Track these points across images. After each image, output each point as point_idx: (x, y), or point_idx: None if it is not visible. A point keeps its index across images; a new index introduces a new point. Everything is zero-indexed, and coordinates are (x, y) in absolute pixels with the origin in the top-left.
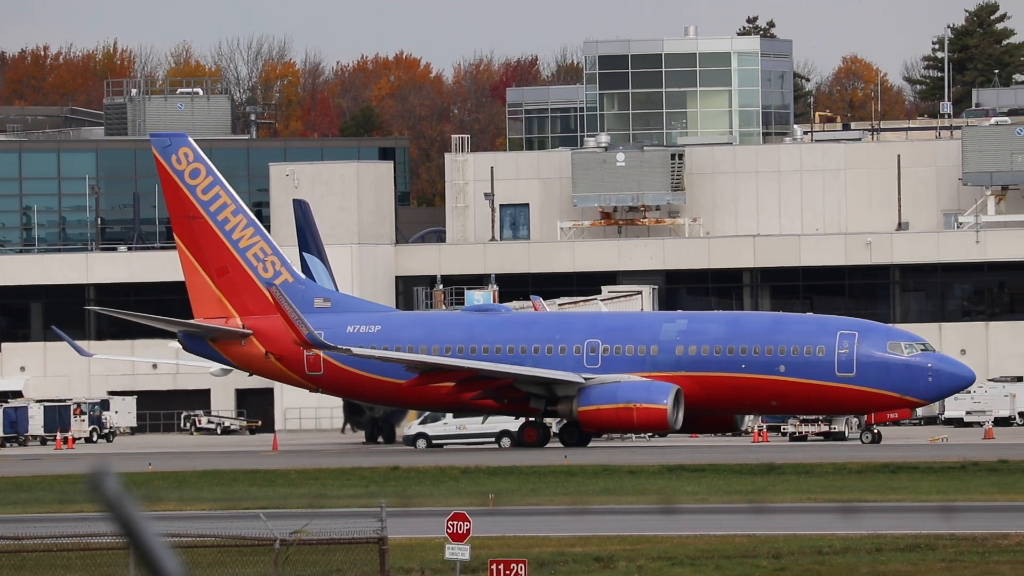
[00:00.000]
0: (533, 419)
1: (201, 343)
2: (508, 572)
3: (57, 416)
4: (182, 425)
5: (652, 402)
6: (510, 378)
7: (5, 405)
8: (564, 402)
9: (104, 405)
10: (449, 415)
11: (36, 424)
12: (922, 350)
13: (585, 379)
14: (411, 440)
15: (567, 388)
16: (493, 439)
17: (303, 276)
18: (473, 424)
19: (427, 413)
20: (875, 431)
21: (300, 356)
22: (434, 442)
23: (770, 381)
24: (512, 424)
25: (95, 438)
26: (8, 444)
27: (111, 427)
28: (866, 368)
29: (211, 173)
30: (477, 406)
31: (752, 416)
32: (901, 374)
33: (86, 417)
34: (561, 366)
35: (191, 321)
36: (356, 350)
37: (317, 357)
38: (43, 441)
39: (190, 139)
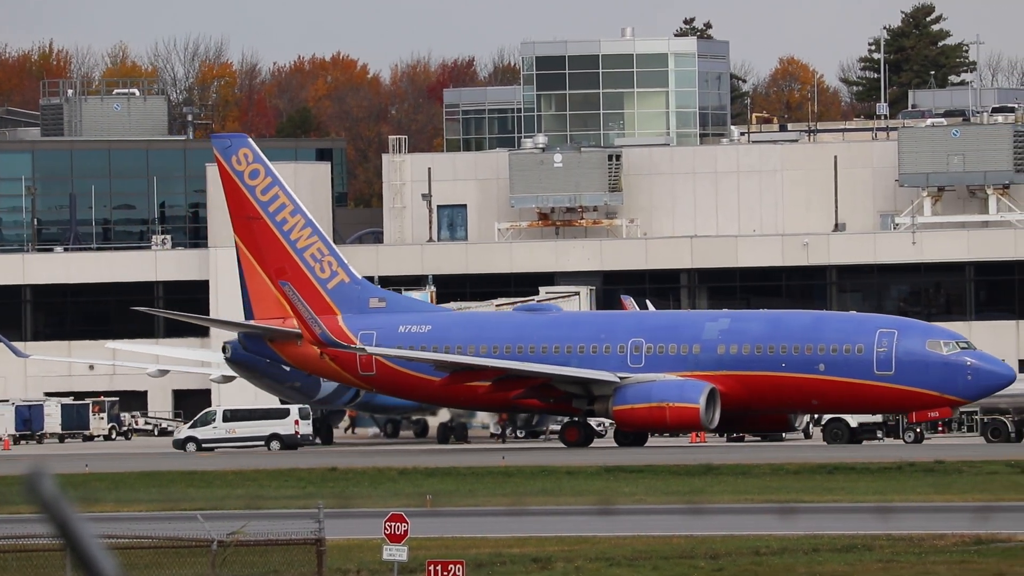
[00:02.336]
0: (576, 418)
1: (260, 343)
2: (446, 573)
3: (75, 414)
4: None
5: (685, 401)
6: (543, 377)
7: (18, 403)
8: (601, 401)
9: (122, 403)
10: (219, 419)
11: (53, 422)
12: (962, 348)
13: (621, 378)
14: (180, 444)
15: (603, 387)
16: (263, 442)
17: (359, 276)
18: (243, 428)
19: (197, 417)
20: (917, 431)
21: (353, 356)
22: (204, 446)
23: (810, 380)
24: (282, 427)
25: (114, 436)
26: (24, 442)
27: (129, 425)
28: (905, 366)
29: (270, 174)
30: (522, 406)
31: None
32: (940, 372)
33: (105, 415)
34: (605, 365)
35: (248, 322)
36: (371, 349)
37: (369, 358)
38: (61, 439)
39: (250, 140)
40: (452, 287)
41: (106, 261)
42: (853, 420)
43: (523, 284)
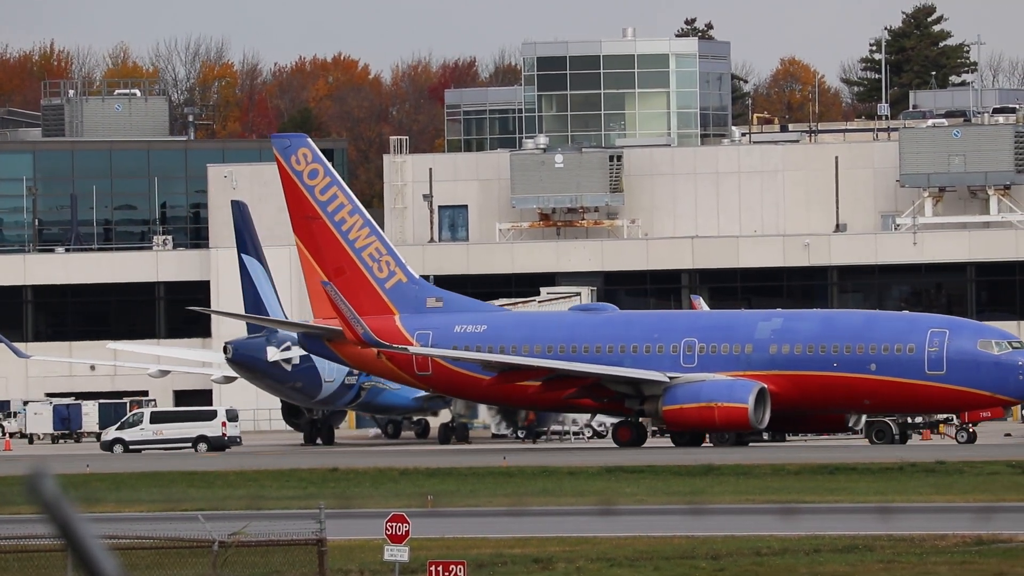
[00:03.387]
0: (628, 418)
1: (319, 343)
2: (447, 574)
3: (113, 412)
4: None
5: (734, 401)
6: (591, 377)
7: (56, 402)
8: (651, 401)
9: (155, 402)
10: (147, 420)
11: (90, 421)
12: (1014, 348)
13: (670, 378)
14: (108, 446)
15: (653, 387)
16: (190, 444)
17: (417, 276)
18: (170, 430)
19: (125, 418)
20: (970, 430)
21: (409, 357)
22: (131, 447)
23: (862, 380)
24: (209, 429)
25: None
26: (62, 440)
27: None
28: (956, 366)
29: (329, 173)
30: (574, 405)
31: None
32: (991, 372)
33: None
34: (659, 365)
35: (306, 323)
36: (412, 349)
37: (425, 358)
38: (99, 437)
39: (309, 140)
40: (453, 287)
41: (107, 262)
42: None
43: (524, 284)
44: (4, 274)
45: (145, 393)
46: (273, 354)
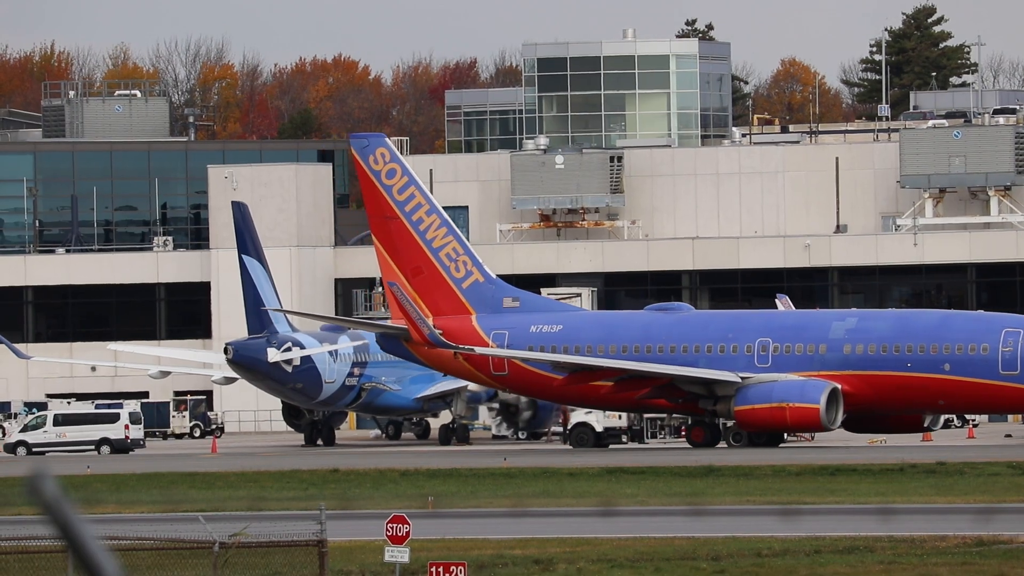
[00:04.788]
0: (702, 418)
1: (396, 343)
2: (447, 575)
3: (155, 412)
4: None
5: (805, 401)
6: (662, 378)
7: (96, 403)
8: (723, 401)
9: (208, 402)
10: (50, 423)
11: None
12: None
13: (743, 378)
14: (11, 448)
15: (725, 387)
16: (93, 447)
17: (493, 276)
18: (74, 432)
19: (28, 420)
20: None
21: (486, 357)
22: (34, 450)
23: (935, 380)
24: (112, 432)
25: (198, 434)
26: None
27: (219, 423)
28: None
29: (406, 173)
30: (649, 405)
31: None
32: None
33: (187, 413)
34: (733, 365)
35: (383, 323)
36: (479, 350)
37: (501, 359)
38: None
39: (387, 139)
40: None
41: (107, 262)
42: (598, 425)
43: (524, 285)
44: (4, 275)
45: (145, 394)
46: (274, 355)
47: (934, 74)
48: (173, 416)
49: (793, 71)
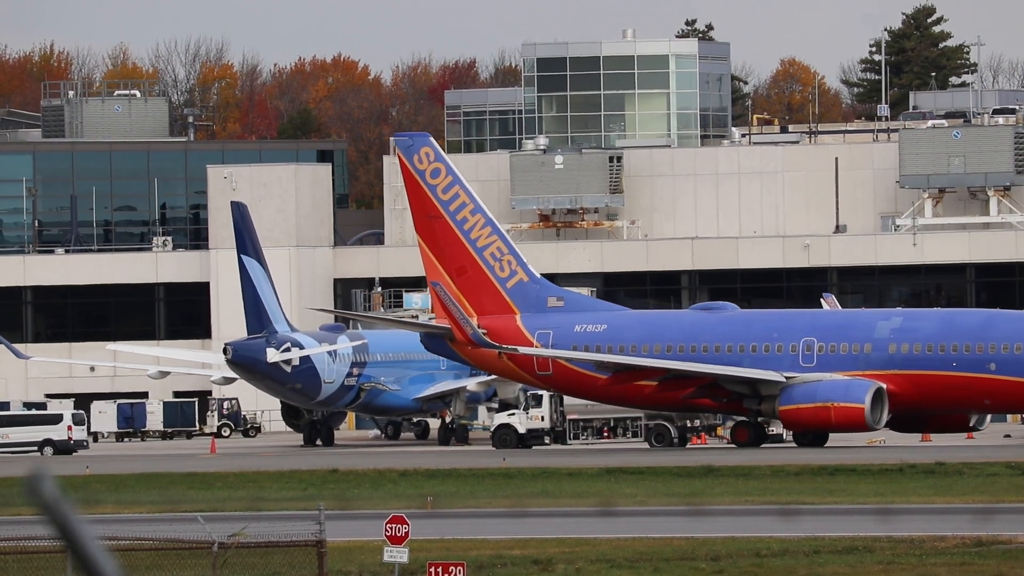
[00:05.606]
0: (746, 418)
1: (440, 343)
2: (446, 575)
3: (179, 411)
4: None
5: (850, 401)
6: (706, 377)
7: (120, 401)
8: (768, 401)
9: (236, 402)
10: None
11: (155, 420)
12: None
13: (787, 378)
14: None
15: (770, 387)
16: (36, 448)
17: (538, 275)
18: (16, 433)
19: None
20: None
21: (530, 357)
22: None
23: (981, 379)
24: (55, 433)
25: (227, 433)
26: (126, 439)
27: (253, 422)
28: None
29: (451, 172)
30: (694, 405)
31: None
32: None
33: (215, 412)
34: (778, 365)
35: (427, 322)
36: (523, 350)
37: (545, 358)
38: (164, 436)
39: (431, 139)
40: None
41: (107, 263)
42: (521, 427)
43: None
44: (4, 275)
45: (145, 395)
46: (273, 355)
47: (934, 74)
48: (210, 413)
49: (793, 71)
